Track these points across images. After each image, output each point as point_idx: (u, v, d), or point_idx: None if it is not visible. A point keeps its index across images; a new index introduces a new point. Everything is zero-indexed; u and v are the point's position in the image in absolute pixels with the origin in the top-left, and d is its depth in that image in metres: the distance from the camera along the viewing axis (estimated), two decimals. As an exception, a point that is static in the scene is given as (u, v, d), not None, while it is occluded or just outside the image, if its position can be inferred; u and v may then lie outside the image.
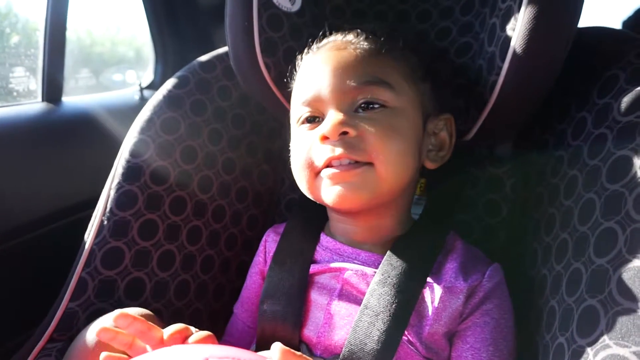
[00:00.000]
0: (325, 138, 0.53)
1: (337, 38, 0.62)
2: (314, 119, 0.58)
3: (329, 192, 0.54)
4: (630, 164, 0.47)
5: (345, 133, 0.53)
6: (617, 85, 0.54)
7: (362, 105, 0.55)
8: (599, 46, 0.62)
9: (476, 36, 0.69)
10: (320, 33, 0.64)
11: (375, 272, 0.55)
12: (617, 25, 1.62)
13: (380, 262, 0.56)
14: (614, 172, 0.49)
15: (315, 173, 0.56)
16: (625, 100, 0.52)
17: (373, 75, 0.55)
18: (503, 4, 0.60)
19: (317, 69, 0.58)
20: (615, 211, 0.46)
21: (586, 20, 0.64)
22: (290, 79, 0.65)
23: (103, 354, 0.42)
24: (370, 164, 0.53)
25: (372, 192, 0.54)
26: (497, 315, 0.53)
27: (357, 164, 0.53)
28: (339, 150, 0.52)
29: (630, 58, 0.55)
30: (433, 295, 0.53)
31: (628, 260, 0.42)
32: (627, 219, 0.44)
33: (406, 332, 0.52)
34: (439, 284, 0.54)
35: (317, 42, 0.63)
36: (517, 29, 0.55)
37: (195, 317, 0.71)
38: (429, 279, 0.54)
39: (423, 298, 0.53)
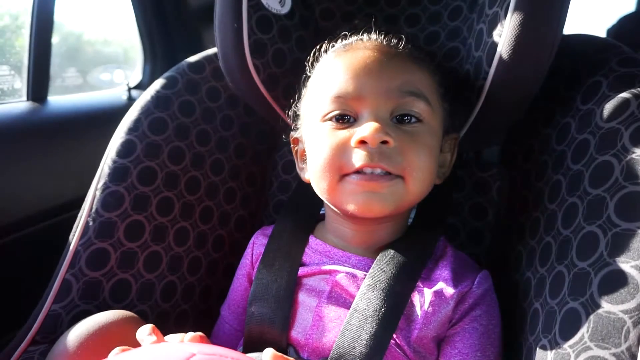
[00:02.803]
0: (362, 143, 0.52)
1: (378, 38, 0.60)
2: (342, 117, 0.55)
3: (354, 199, 0.53)
4: (611, 169, 0.48)
5: (385, 142, 0.51)
6: (599, 92, 0.55)
7: (399, 115, 0.54)
8: (583, 53, 0.63)
9: (464, 41, 0.70)
10: (363, 28, 0.62)
11: (365, 275, 0.55)
12: (602, 33, 1.66)
13: (371, 265, 0.56)
14: (596, 177, 0.50)
15: (341, 176, 0.54)
16: (608, 106, 0.53)
17: (415, 86, 0.54)
18: (490, 10, 0.61)
19: (358, 66, 0.55)
20: (597, 215, 0.47)
21: (571, 27, 0.66)
22: (310, 69, 0.63)
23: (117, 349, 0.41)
24: (400, 177, 0.53)
25: (396, 204, 0.53)
26: (486, 322, 0.54)
27: (389, 175, 0.52)
28: (376, 159, 0.51)
29: (612, 65, 0.57)
30: (423, 299, 0.53)
31: (609, 264, 0.43)
32: (609, 223, 0.45)
33: (395, 336, 0.52)
34: (429, 289, 0.54)
35: (350, 36, 0.61)
36: (504, 35, 0.56)
37: (182, 319, 0.71)
38: (419, 284, 0.54)
39: (413, 302, 0.53)
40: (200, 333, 0.45)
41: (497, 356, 0.53)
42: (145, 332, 0.43)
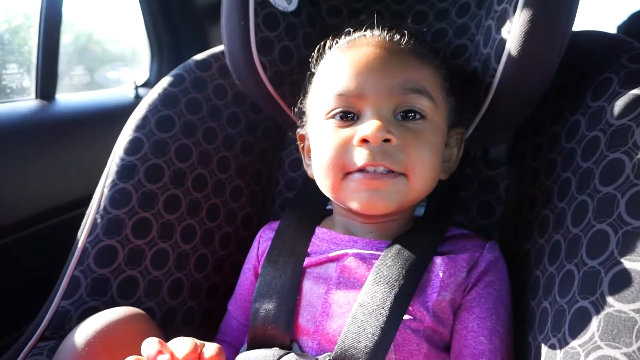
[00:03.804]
0: (364, 141, 0.52)
1: (381, 34, 0.60)
2: (346, 115, 0.55)
3: (358, 197, 0.53)
4: (622, 167, 0.47)
5: (387, 140, 0.51)
6: (610, 89, 0.55)
7: (402, 112, 0.54)
8: (593, 50, 0.62)
9: (472, 38, 0.69)
10: (367, 23, 0.61)
11: (374, 257, 0.56)
12: (613, 29, 1.64)
13: (379, 247, 0.57)
14: (606, 175, 0.49)
15: (344, 174, 0.54)
16: (619, 103, 0.52)
17: (418, 83, 0.54)
18: (498, 7, 0.60)
19: (360, 63, 0.55)
20: (608, 213, 0.46)
21: (581, 24, 0.65)
22: (314, 65, 0.63)
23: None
24: (403, 174, 0.53)
25: (400, 202, 0.54)
26: (498, 287, 0.55)
27: (391, 173, 0.53)
28: (378, 158, 0.51)
29: (623, 62, 0.56)
30: (438, 265, 0.55)
31: (619, 262, 0.43)
32: (619, 221, 0.45)
33: (411, 305, 0.52)
34: (440, 257, 0.55)
35: (354, 33, 0.61)
36: (512, 31, 0.55)
37: (189, 316, 0.71)
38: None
39: (429, 269, 0.55)
40: (218, 346, 0.44)
41: (510, 318, 0.55)
42: (153, 349, 0.41)
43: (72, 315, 0.61)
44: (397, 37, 0.59)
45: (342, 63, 0.57)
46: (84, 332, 0.53)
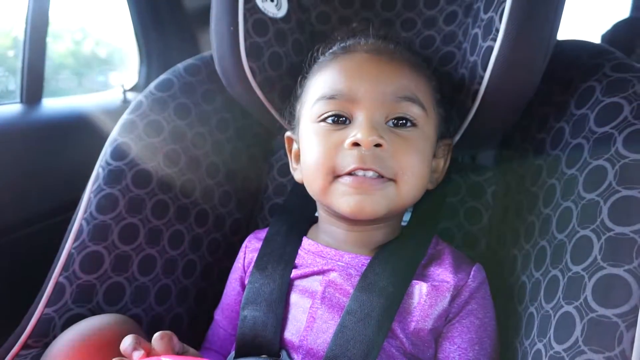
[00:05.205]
0: (356, 145, 0.52)
1: (375, 41, 0.60)
2: (337, 119, 0.55)
3: (346, 201, 0.53)
4: (605, 173, 0.48)
5: (378, 145, 0.52)
6: (593, 97, 0.56)
7: (394, 119, 0.55)
8: (577, 58, 0.63)
9: (459, 46, 0.70)
10: (361, 31, 0.62)
11: (359, 273, 0.55)
12: (596, 38, 1.67)
13: (364, 263, 0.56)
14: (590, 182, 0.50)
15: (333, 177, 0.54)
16: (601, 111, 0.53)
17: (411, 92, 0.55)
18: (485, 15, 0.61)
19: (354, 68, 0.56)
20: (591, 219, 0.47)
21: (565, 33, 0.66)
22: (307, 69, 0.63)
23: None
24: (392, 180, 0.53)
25: (388, 208, 0.54)
26: (482, 315, 0.54)
27: (381, 178, 0.53)
28: (369, 162, 0.51)
29: (605, 70, 0.57)
30: (420, 293, 0.54)
31: (602, 268, 0.44)
32: (602, 227, 0.46)
33: (392, 328, 0.52)
34: (425, 283, 0.54)
35: (348, 40, 0.62)
36: (498, 39, 0.56)
37: (176, 322, 0.70)
38: (415, 280, 0.55)
39: (411, 295, 0.54)
40: (169, 332, 0.45)
41: (494, 347, 0.54)
42: (129, 346, 0.42)
43: (56, 322, 0.60)
44: (391, 45, 0.60)
45: (336, 68, 0.57)
46: (69, 339, 0.52)
